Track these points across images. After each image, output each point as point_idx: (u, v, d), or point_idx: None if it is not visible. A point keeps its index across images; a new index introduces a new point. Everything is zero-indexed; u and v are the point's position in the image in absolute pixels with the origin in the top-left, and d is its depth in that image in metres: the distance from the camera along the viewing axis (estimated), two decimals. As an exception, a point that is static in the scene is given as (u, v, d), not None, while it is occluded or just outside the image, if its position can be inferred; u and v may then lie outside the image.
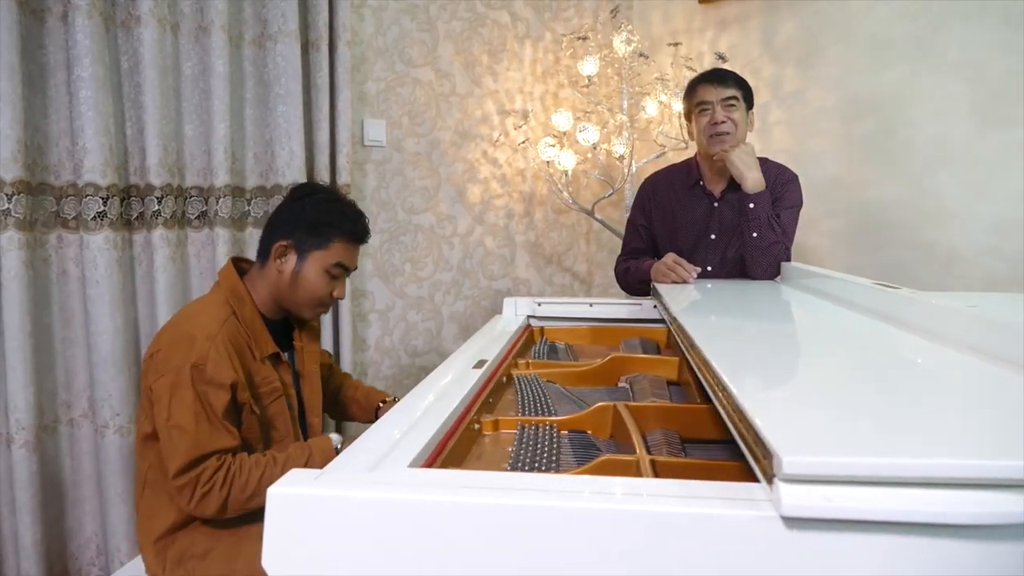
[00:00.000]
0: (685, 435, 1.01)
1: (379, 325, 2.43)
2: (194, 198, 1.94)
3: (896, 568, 0.49)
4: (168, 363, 1.25)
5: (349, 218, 1.42)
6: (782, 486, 0.50)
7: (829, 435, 0.55)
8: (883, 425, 0.58)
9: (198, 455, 1.21)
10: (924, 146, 2.21)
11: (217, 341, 1.27)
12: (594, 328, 1.81)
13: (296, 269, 1.39)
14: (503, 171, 2.72)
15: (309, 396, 1.51)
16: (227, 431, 1.25)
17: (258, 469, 1.25)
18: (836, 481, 0.49)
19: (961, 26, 2.11)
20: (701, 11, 2.79)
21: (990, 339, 0.81)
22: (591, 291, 3.04)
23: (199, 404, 1.22)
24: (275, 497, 0.56)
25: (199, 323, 1.30)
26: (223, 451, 1.24)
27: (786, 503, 0.49)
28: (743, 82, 1.82)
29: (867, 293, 1.19)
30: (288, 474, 0.59)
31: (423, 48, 2.45)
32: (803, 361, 0.86)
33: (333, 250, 1.40)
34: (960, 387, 0.71)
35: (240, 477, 1.23)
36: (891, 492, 0.48)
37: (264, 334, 1.39)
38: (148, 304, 1.87)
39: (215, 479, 1.21)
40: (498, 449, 0.98)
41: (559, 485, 0.57)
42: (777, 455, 0.50)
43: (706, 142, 1.82)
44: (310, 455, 1.30)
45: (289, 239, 1.38)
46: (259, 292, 1.41)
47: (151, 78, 1.78)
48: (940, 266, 2.19)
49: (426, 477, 0.63)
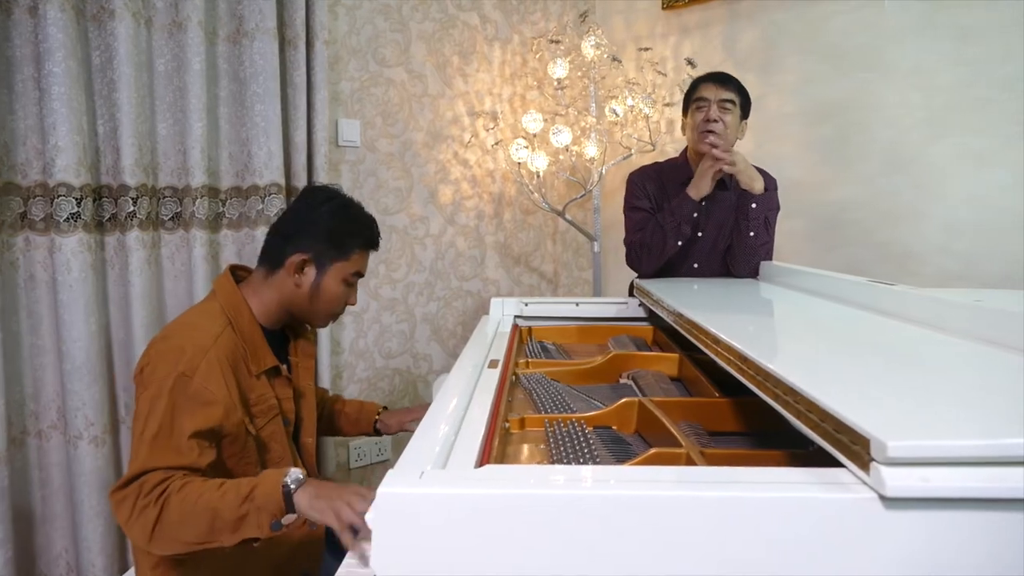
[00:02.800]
0: (708, 428, 1.05)
1: (353, 327, 2.40)
2: (168, 199, 1.88)
3: (991, 542, 0.53)
4: (154, 376, 1.16)
5: (367, 226, 1.39)
6: (883, 469, 0.53)
7: (913, 420, 0.58)
8: (956, 409, 0.62)
9: (142, 469, 1.10)
10: (879, 151, 2.33)
11: (210, 355, 1.18)
12: (581, 327, 1.84)
13: (317, 282, 1.33)
14: (473, 172, 2.73)
15: (304, 414, 1.44)
16: (188, 450, 1.11)
17: (199, 490, 1.08)
18: (932, 463, 0.53)
19: (913, 38, 2.23)
20: (664, 17, 2.86)
21: (999, 330, 0.87)
22: (558, 291, 3.07)
23: (168, 417, 1.12)
24: (381, 497, 0.56)
25: (191, 336, 1.21)
26: (173, 468, 1.10)
27: (890, 485, 0.52)
28: (743, 90, 1.88)
29: (863, 290, 1.26)
30: (392, 474, 0.59)
31: (396, 48, 2.44)
32: (838, 354, 0.90)
33: (353, 260, 1.36)
34: (994, 374, 0.76)
35: (177, 496, 1.07)
36: (984, 471, 0.52)
37: (263, 347, 1.32)
38: (122, 308, 1.80)
39: (152, 495, 1.07)
40: (532, 447, 1.00)
41: (659, 476, 0.59)
42: (880, 440, 0.53)
43: (697, 138, 1.86)
44: (255, 486, 1.08)
45: (309, 252, 1.32)
46: (261, 300, 1.34)
47: (125, 74, 1.72)
48: (895, 264, 2.31)
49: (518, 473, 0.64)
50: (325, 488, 1.08)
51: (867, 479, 0.55)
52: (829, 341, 1.00)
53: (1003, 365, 0.77)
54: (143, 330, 1.79)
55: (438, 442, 0.80)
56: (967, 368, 0.79)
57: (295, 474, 1.09)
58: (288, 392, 1.37)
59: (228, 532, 1.06)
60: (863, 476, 0.56)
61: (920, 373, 0.77)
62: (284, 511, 1.06)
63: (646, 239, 1.88)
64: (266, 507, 1.06)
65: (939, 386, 0.71)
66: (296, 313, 1.37)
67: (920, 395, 0.67)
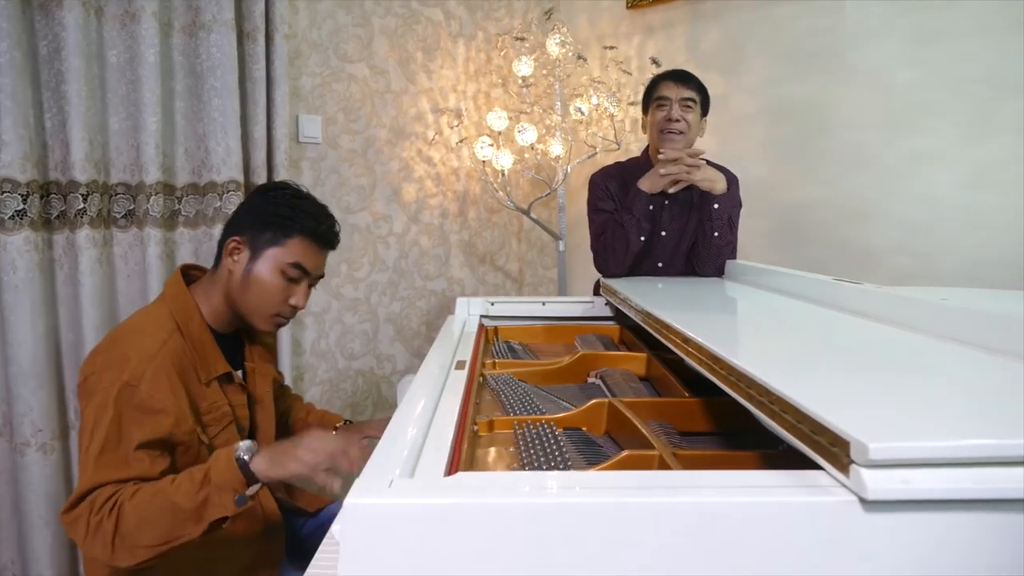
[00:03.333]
0: (679, 428, 1.04)
1: (315, 328, 2.35)
2: (120, 196, 1.81)
3: (974, 543, 0.52)
4: (98, 385, 1.10)
5: (313, 215, 1.27)
6: (864, 471, 0.53)
7: (892, 421, 0.58)
8: (933, 410, 0.62)
9: (91, 486, 1.04)
10: (840, 151, 2.37)
11: (156, 363, 1.12)
12: (547, 327, 1.83)
13: (248, 268, 1.23)
14: (437, 170, 2.70)
15: (262, 422, 1.36)
16: (137, 461, 1.07)
17: (151, 490, 1.03)
18: (913, 464, 0.52)
19: (872, 41, 2.27)
20: (628, 16, 2.87)
21: (966, 328, 0.88)
22: (523, 290, 3.06)
23: (115, 428, 1.06)
24: (350, 508, 0.54)
25: (136, 343, 1.14)
26: (123, 481, 1.05)
27: (871, 488, 0.52)
28: (703, 87, 1.88)
29: (828, 289, 1.27)
30: (359, 483, 0.57)
31: (358, 43, 2.39)
32: (809, 353, 0.90)
33: (290, 247, 1.24)
34: (966, 373, 0.76)
35: (130, 502, 1.02)
36: (965, 472, 0.52)
37: (214, 352, 1.24)
38: (71, 311, 1.73)
39: (104, 508, 1.03)
40: (502, 449, 0.98)
41: (636, 481, 0.58)
42: (860, 442, 0.52)
43: (657, 137, 1.86)
44: (209, 467, 1.05)
45: (244, 234, 1.24)
46: (211, 301, 1.26)
47: (74, 66, 1.65)
48: (855, 262, 2.35)
49: (491, 481, 0.62)
50: (279, 446, 1.09)
51: (846, 482, 0.55)
52: (799, 340, 1.00)
53: (974, 364, 0.78)
54: (94, 332, 1.72)
55: (406, 446, 0.77)
56: (939, 367, 0.80)
57: (245, 445, 1.07)
58: (242, 399, 1.31)
59: (192, 522, 1.02)
60: (842, 479, 0.55)
61: (894, 373, 0.77)
62: (245, 483, 1.04)
63: (608, 240, 1.89)
64: (226, 484, 1.03)
65: (914, 386, 0.71)
66: (235, 309, 1.27)
67: (896, 395, 0.67)
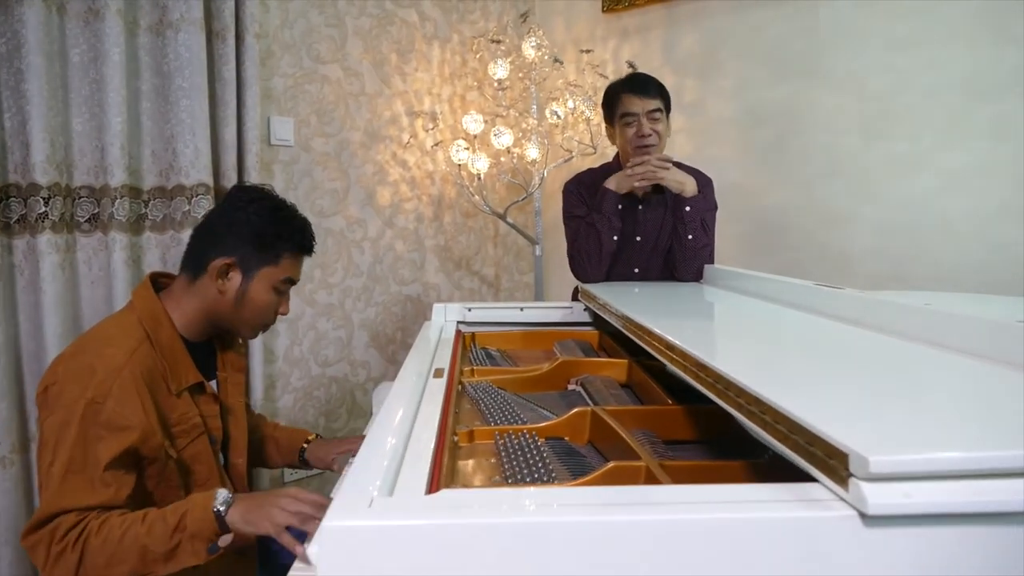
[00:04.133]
0: (663, 437, 1.02)
1: (288, 335, 2.30)
2: (84, 199, 1.75)
3: (977, 558, 0.51)
4: (60, 399, 1.06)
5: (298, 229, 1.28)
6: (864, 485, 0.51)
7: (891, 432, 0.56)
8: (930, 419, 0.60)
9: (54, 511, 1.02)
10: (816, 155, 2.38)
11: (124, 375, 1.09)
12: (525, 333, 1.80)
13: (242, 289, 1.23)
14: (412, 173, 2.66)
15: (234, 433, 1.34)
16: (104, 485, 1.04)
17: (120, 527, 1.01)
18: (914, 477, 0.51)
19: (847, 47, 2.29)
20: (604, 20, 2.86)
21: (952, 334, 0.87)
22: (499, 295, 3.03)
23: (79, 449, 1.03)
24: (327, 532, 0.50)
25: (103, 353, 1.11)
26: (88, 508, 1.03)
27: (872, 502, 0.50)
28: (664, 90, 1.86)
29: (810, 294, 1.26)
30: (338, 504, 0.54)
31: (331, 44, 2.35)
32: (796, 361, 0.89)
33: (283, 266, 1.26)
34: (958, 381, 0.75)
35: (98, 536, 1.00)
36: (968, 485, 0.50)
37: (185, 362, 1.21)
38: (32, 318, 1.66)
39: (68, 537, 1.00)
40: (483, 461, 0.95)
41: (630, 498, 0.55)
42: (860, 455, 0.50)
43: (633, 153, 1.86)
44: (184, 513, 1.03)
45: (233, 255, 1.22)
46: (183, 310, 1.23)
47: (35, 64, 1.59)
48: (831, 266, 2.36)
49: (475, 499, 0.59)
50: (255, 499, 1.05)
51: (845, 495, 0.53)
52: (785, 347, 0.99)
53: (966, 371, 0.77)
54: (57, 340, 1.65)
55: (385, 457, 0.74)
56: (931, 375, 0.78)
57: (223, 495, 1.05)
58: (214, 409, 1.28)
59: (161, 563, 1.02)
60: (840, 492, 0.53)
61: (885, 381, 0.76)
62: (219, 533, 1.02)
63: (582, 244, 1.88)
64: (200, 533, 1.02)
65: (907, 395, 0.70)
66: (221, 323, 1.27)
67: (891, 405, 0.65)
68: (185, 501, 1.05)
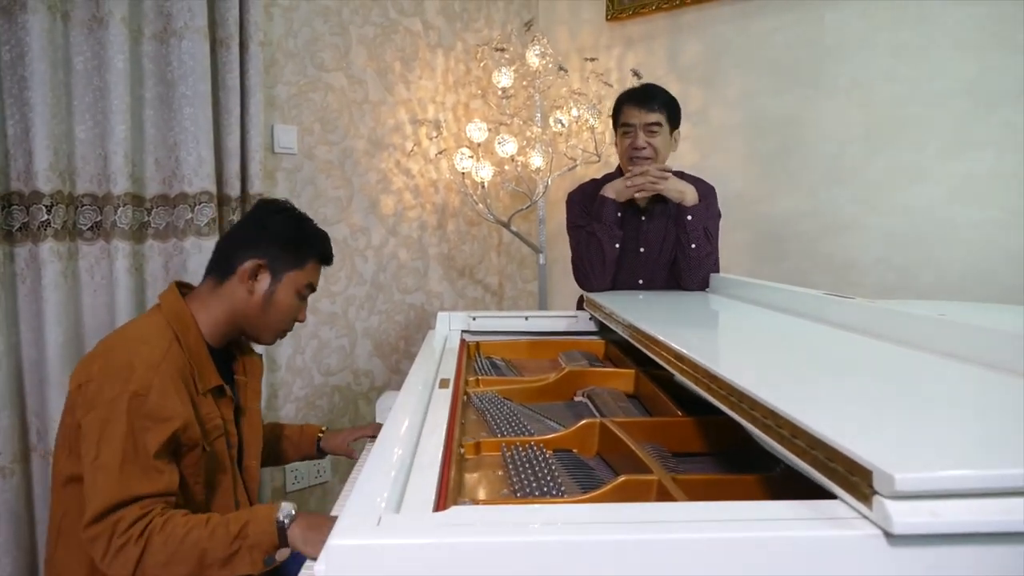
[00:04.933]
0: (672, 449, 1.01)
1: (290, 343, 2.28)
2: (87, 207, 1.73)
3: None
4: (100, 395, 1.09)
5: (321, 238, 1.37)
6: (889, 503, 0.49)
7: (915, 448, 0.55)
8: (954, 435, 0.59)
9: (118, 500, 1.03)
10: (820, 164, 2.37)
11: (162, 369, 1.12)
12: (530, 342, 1.79)
13: (271, 290, 1.29)
14: (416, 182, 2.65)
15: (249, 436, 1.37)
16: (158, 473, 1.07)
17: (183, 528, 1.04)
18: (941, 495, 0.49)
19: (852, 55, 2.28)
20: (608, 28, 2.86)
21: (969, 346, 0.86)
22: (502, 303, 3.02)
23: (130, 441, 1.06)
24: (334, 550, 0.49)
25: (138, 351, 1.14)
26: (150, 496, 1.06)
27: (897, 521, 0.48)
28: (671, 103, 1.85)
29: (820, 303, 1.24)
30: (345, 521, 0.52)
31: (335, 52, 2.35)
32: (811, 372, 0.87)
33: (308, 271, 1.33)
34: (979, 393, 0.74)
35: (161, 533, 1.03)
36: (997, 503, 0.49)
37: (209, 365, 1.24)
38: (34, 327, 1.65)
39: (132, 531, 1.02)
40: (490, 473, 0.93)
41: (648, 515, 0.53)
42: (885, 472, 0.49)
43: (626, 163, 1.86)
44: (247, 523, 1.06)
45: (264, 258, 1.28)
46: (210, 315, 1.27)
47: (39, 71, 1.58)
48: (837, 275, 2.35)
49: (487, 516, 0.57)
50: (316, 519, 1.08)
51: (869, 514, 0.51)
52: (798, 358, 0.97)
53: (988, 385, 0.75)
54: (59, 349, 1.64)
55: (392, 467, 0.73)
56: (951, 388, 0.77)
57: (287, 508, 1.08)
58: (230, 414, 1.30)
59: (217, 568, 1.04)
60: (863, 510, 0.52)
61: (904, 394, 0.74)
62: (277, 546, 1.06)
63: (583, 253, 1.88)
64: (260, 544, 1.05)
65: (929, 409, 0.68)
66: (245, 326, 1.31)
67: (913, 419, 0.63)
68: (248, 510, 1.09)
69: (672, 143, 1.90)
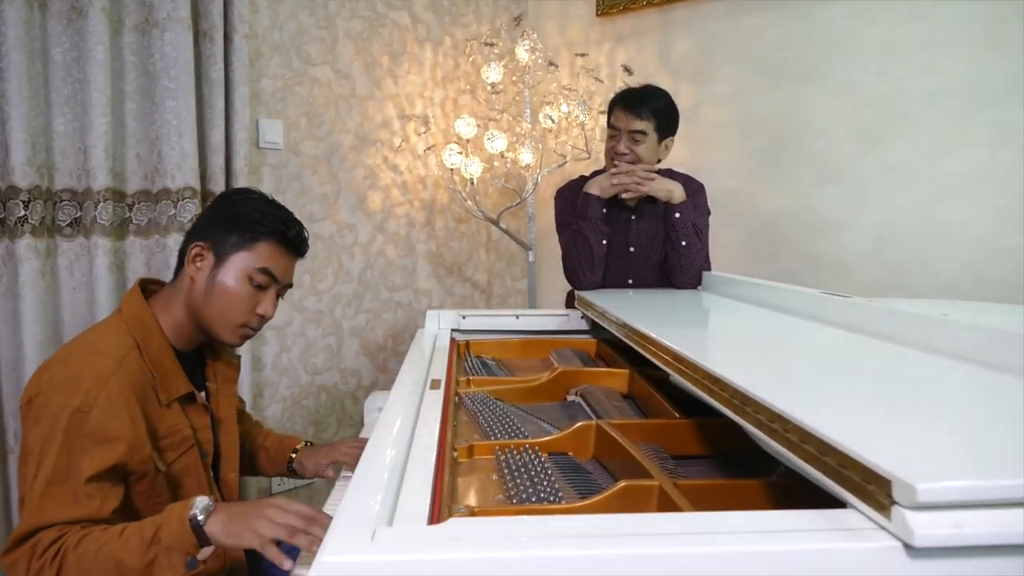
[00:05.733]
0: (669, 451, 0.98)
1: (276, 342, 2.24)
2: (66, 203, 1.69)
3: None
4: (45, 409, 1.01)
5: (282, 219, 1.20)
6: (910, 514, 0.47)
7: (935, 455, 0.52)
8: (973, 442, 0.56)
9: (35, 526, 0.97)
10: (811, 162, 2.36)
11: (111, 385, 1.04)
12: (521, 341, 1.76)
13: (213, 274, 1.16)
14: (404, 178, 2.61)
15: (226, 446, 1.28)
16: (87, 498, 0.99)
17: (97, 543, 0.96)
18: (964, 506, 0.47)
19: (844, 52, 2.27)
20: (598, 24, 2.83)
21: (972, 346, 0.84)
22: (491, 301, 2.99)
23: (63, 460, 0.98)
24: (327, 567, 0.46)
25: (90, 362, 1.06)
26: (71, 522, 0.98)
27: (919, 533, 0.46)
28: (663, 112, 1.81)
29: (816, 302, 1.23)
30: (336, 535, 0.49)
31: (322, 46, 2.30)
32: (815, 373, 0.85)
33: (259, 252, 1.16)
34: (989, 396, 0.72)
35: (75, 551, 0.95)
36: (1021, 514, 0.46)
37: (175, 371, 1.16)
38: (11, 325, 1.60)
39: (46, 555, 0.95)
40: (484, 478, 0.91)
41: (652, 526, 0.51)
42: (906, 482, 0.47)
43: (609, 165, 1.85)
44: (160, 526, 0.96)
45: (208, 239, 1.17)
46: (172, 315, 1.18)
47: (16, 62, 1.53)
48: (828, 273, 2.34)
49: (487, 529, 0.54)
50: (237, 508, 0.98)
51: (887, 525, 0.49)
52: (799, 359, 0.95)
53: (996, 387, 0.73)
54: (36, 349, 1.59)
55: (385, 470, 0.70)
56: (961, 391, 0.75)
57: (202, 503, 0.97)
58: (205, 421, 1.22)
59: None
60: (880, 521, 0.50)
61: (913, 396, 0.72)
62: (197, 546, 0.95)
63: (571, 251, 1.86)
64: (176, 546, 0.95)
65: (942, 413, 0.66)
66: (200, 321, 1.19)
67: (926, 424, 0.61)
68: (163, 513, 0.98)
69: (663, 150, 1.87)
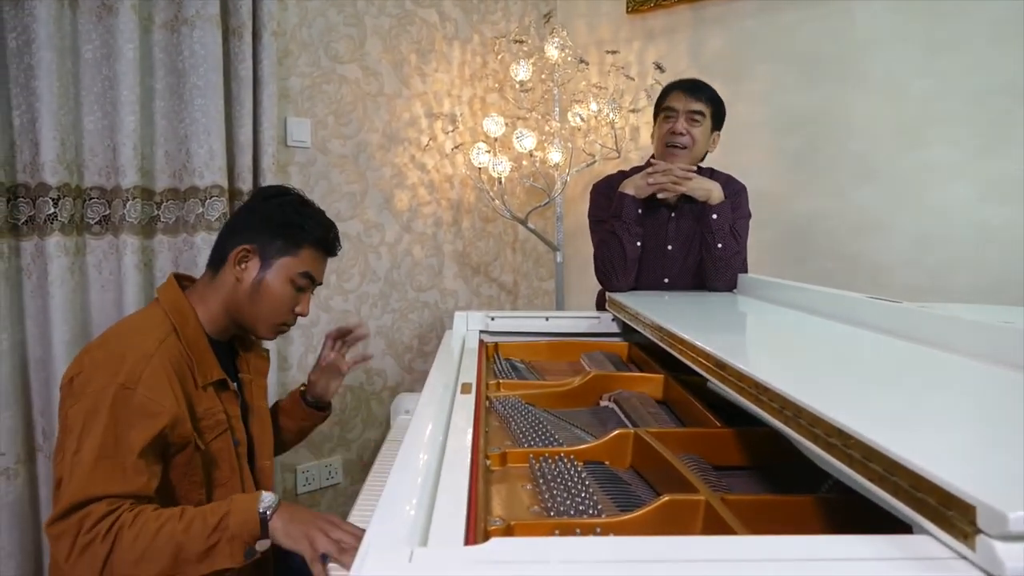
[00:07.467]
0: (710, 462, 0.94)
1: (302, 341, 2.23)
2: (95, 200, 1.68)
3: None
4: (87, 386, 1.03)
5: (322, 224, 1.27)
6: (999, 545, 0.43)
7: (1020, 481, 0.48)
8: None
9: (87, 496, 0.96)
10: (849, 161, 2.29)
11: (154, 361, 1.07)
12: (551, 343, 1.72)
13: (259, 277, 1.21)
14: (431, 177, 2.59)
15: (259, 435, 1.31)
16: (136, 473, 1.00)
17: (156, 522, 0.97)
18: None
19: (884, 48, 2.20)
20: (628, 21, 2.79)
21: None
22: (517, 302, 2.96)
23: (111, 435, 0.99)
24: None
25: (131, 342, 1.09)
26: (120, 496, 0.98)
27: (1010, 566, 0.42)
28: (717, 99, 1.80)
29: (863, 307, 1.18)
30: (371, 553, 0.46)
31: (350, 44, 2.29)
32: (872, 384, 0.80)
33: (302, 257, 1.23)
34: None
35: (131, 528, 0.95)
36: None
37: (209, 357, 1.19)
38: (40, 323, 1.60)
39: (99, 528, 0.95)
40: (518, 487, 0.87)
41: (712, 552, 0.47)
42: (995, 509, 0.42)
43: (661, 150, 1.79)
44: (226, 514, 1.00)
45: (253, 243, 1.21)
46: (208, 307, 1.22)
47: (46, 59, 1.53)
48: (865, 277, 2.27)
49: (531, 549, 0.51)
50: (299, 512, 1.03)
51: (970, 555, 0.45)
52: (854, 368, 0.90)
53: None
54: (65, 347, 1.59)
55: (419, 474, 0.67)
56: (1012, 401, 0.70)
57: (269, 499, 1.02)
58: (236, 410, 1.24)
59: (194, 564, 0.98)
60: (962, 550, 0.45)
61: (988, 412, 0.67)
62: (258, 537, 1.00)
63: (604, 251, 1.82)
64: (239, 535, 0.99)
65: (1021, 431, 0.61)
66: (239, 318, 1.24)
67: (1007, 443, 0.57)
68: (226, 501, 1.02)
69: (711, 143, 1.84)
